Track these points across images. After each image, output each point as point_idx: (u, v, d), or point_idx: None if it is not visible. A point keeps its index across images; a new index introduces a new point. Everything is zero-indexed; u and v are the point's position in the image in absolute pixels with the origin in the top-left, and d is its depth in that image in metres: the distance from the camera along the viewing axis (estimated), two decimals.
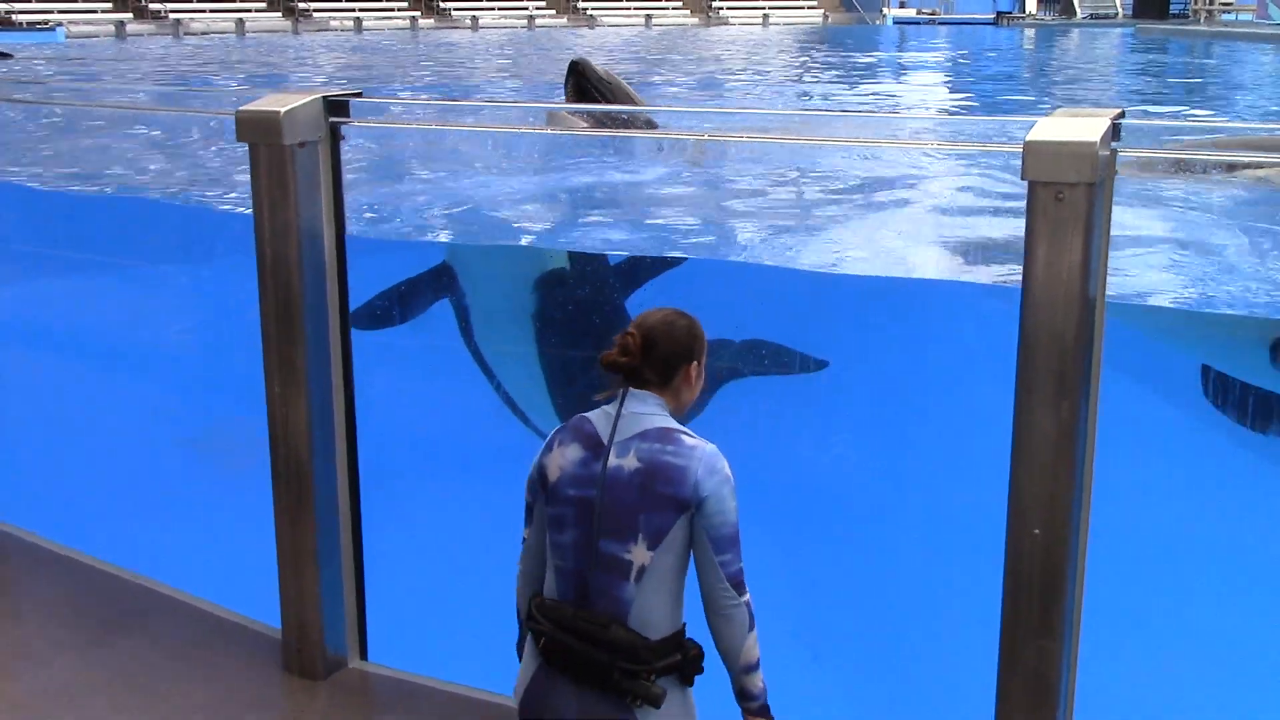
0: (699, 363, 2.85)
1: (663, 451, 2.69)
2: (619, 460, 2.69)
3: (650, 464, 2.68)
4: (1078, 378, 2.85)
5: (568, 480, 2.72)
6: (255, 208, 3.78)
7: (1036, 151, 2.78)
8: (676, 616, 2.76)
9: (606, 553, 2.68)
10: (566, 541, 2.72)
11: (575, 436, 2.76)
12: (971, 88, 22.49)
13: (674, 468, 2.68)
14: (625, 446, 2.70)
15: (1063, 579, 2.94)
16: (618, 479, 2.68)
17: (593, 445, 2.72)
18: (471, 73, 26.11)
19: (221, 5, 50.35)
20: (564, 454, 2.75)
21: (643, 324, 2.80)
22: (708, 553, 2.70)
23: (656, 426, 2.73)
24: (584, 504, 2.70)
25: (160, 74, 24.50)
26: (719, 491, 2.69)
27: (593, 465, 2.70)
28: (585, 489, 2.70)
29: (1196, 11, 52.33)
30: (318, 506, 3.90)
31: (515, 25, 54.53)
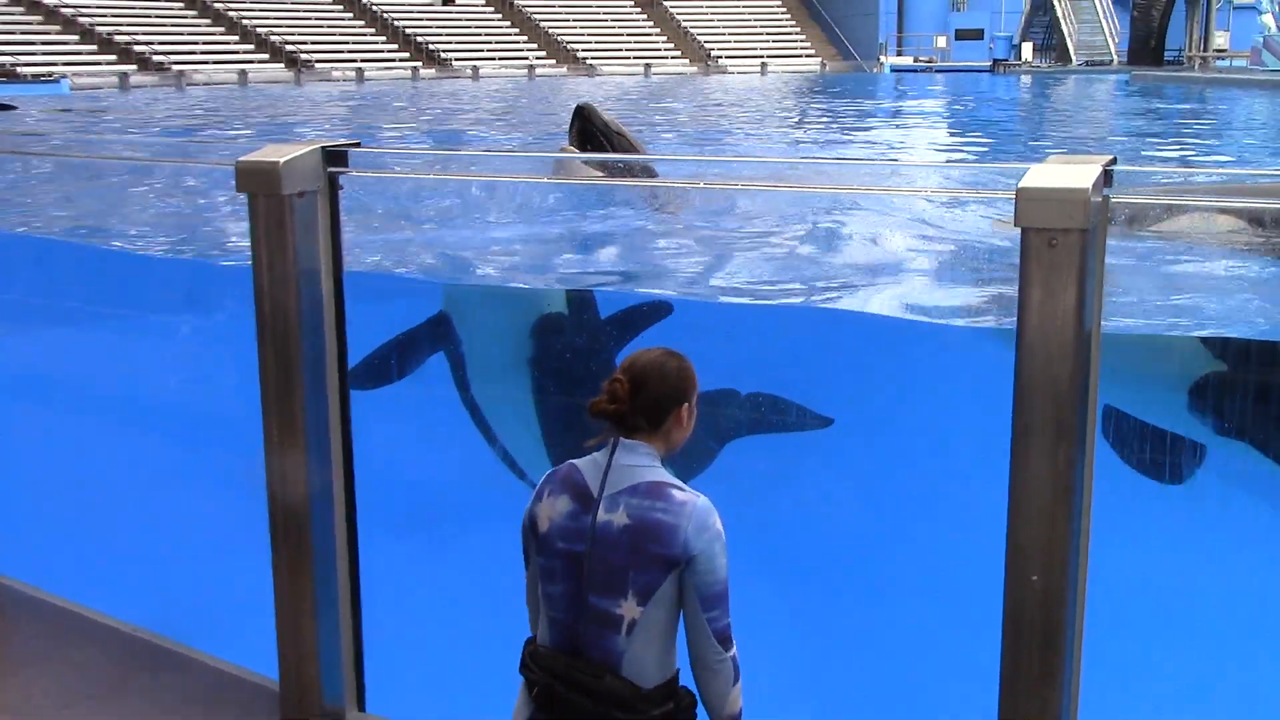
0: (690, 404, 2.83)
1: (653, 508, 2.67)
2: (608, 515, 2.67)
3: (640, 521, 2.66)
4: (1074, 422, 2.85)
5: (557, 533, 2.70)
6: (254, 258, 3.80)
7: (1029, 198, 2.79)
8: (669, 665, 2.74)
9: (597, 607, 2.67)
10: (557, 593, 2.71)
11: (564, 487, 2.74)
12: (967, 134, 22.64)
13: (664, 525, 2.66)
14: (615, 501, 2.68)
15: (1062, 626, 2.93)
16: (607, 535, 2.66)
17: (582, 497, 2.71)
18: (472, 122, 26.28)
19: (224, 56, 50.77)
20: (553, 505, 2.73)
21: (631, 367, 2.78)
22: (696, 609, 2.68)
23: (647, 480, 2.70)
24: (573, 558, 2.68)
25: (163, 125, 24.67)
26: (709, 549, 2.67)
27: (582, 519, 2.69)
28: (574, 543, 2.68)
29: (1191, 58, 52.75)
30: (315, 557, 3.89)
31: (516, 75, 54.93)
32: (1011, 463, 2.91)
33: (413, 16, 59.32)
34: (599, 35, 62.18)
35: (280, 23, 54.54)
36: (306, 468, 3.83)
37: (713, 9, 67.22)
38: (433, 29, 58.68)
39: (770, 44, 64.96)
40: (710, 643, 2.70)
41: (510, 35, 61.25)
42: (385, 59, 55.28)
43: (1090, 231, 2.79)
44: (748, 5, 68.82)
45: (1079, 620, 3.01)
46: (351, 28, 57.77)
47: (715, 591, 2.69)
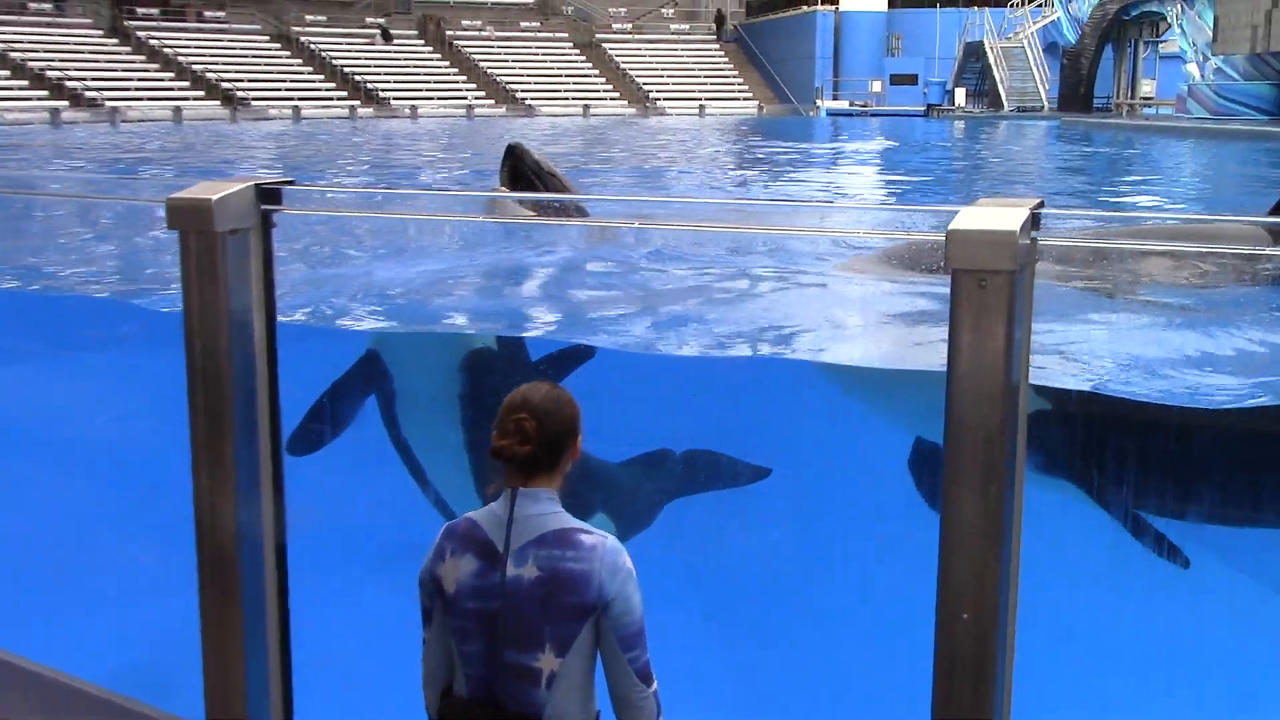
0: (580, 436, 2.81)
1: (563, 558, 2.64)
2: (518, 570, 2.63)
3: (551, 572, 2.63)
4: (1003, 463, 2.89)
5: (467, 593, 2.65)
6: (185, 296, 3.75)
7: (959, 240, 2.84)
8: (590, 710, 2.73)
9: (514, 662, 2.64)
10: (472, 651, 2.67)
11: (467, 545, 2.68)
12: (901, 177, 22.94)
13: (576, 574, 2.63)
14: (523, 555, 2.64)
15: (993, 663, 2.95)
16: (518, 590, 2.62)
17: (487, 554, 2.66)
18: (410, 160, 26.22)
19: (158, 93, 50.34)
20: (458, 565, 2.67)
21: (527, 403, 2.74)
22: (616, 651, 2.66)
23: (553, 529, 2.67)
24: (486, 616, 2.64)
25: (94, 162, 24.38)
26: (623, 591, 2.65)
27: (490, 576, 2.64)
28: (486, 601, 2.64)
29: (1119, 105, 53.88)
30: (244, 599, 3.83)
31: (454, 114, 54.96)
32: (944, 502, 2.93)
33: (350, 55, 59.25)
34: (538, 76, 62.43)
35: (216, 60, 54.23)
36: (236, 509, 3.78)
37: (651, 52, 67.79)
38: (370, 68, 58.62)
39: (708, 87, 65.57)
40: (633, 681, 2.69)
41: (449, 75, 61.34)
42: (323, 97, 55.10)
43: (1019, 273, 2.83)
44: (686, 48, 69.49)
45: (1009, 657, 3.03)
46: (289, 66, 57.59)
47: (633, 631, 2.68)
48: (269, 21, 60.08)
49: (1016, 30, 58.61)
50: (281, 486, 3.94)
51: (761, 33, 70.62)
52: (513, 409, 2.72)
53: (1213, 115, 40.92)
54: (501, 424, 2.71)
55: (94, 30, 54.14)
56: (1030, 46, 57.41)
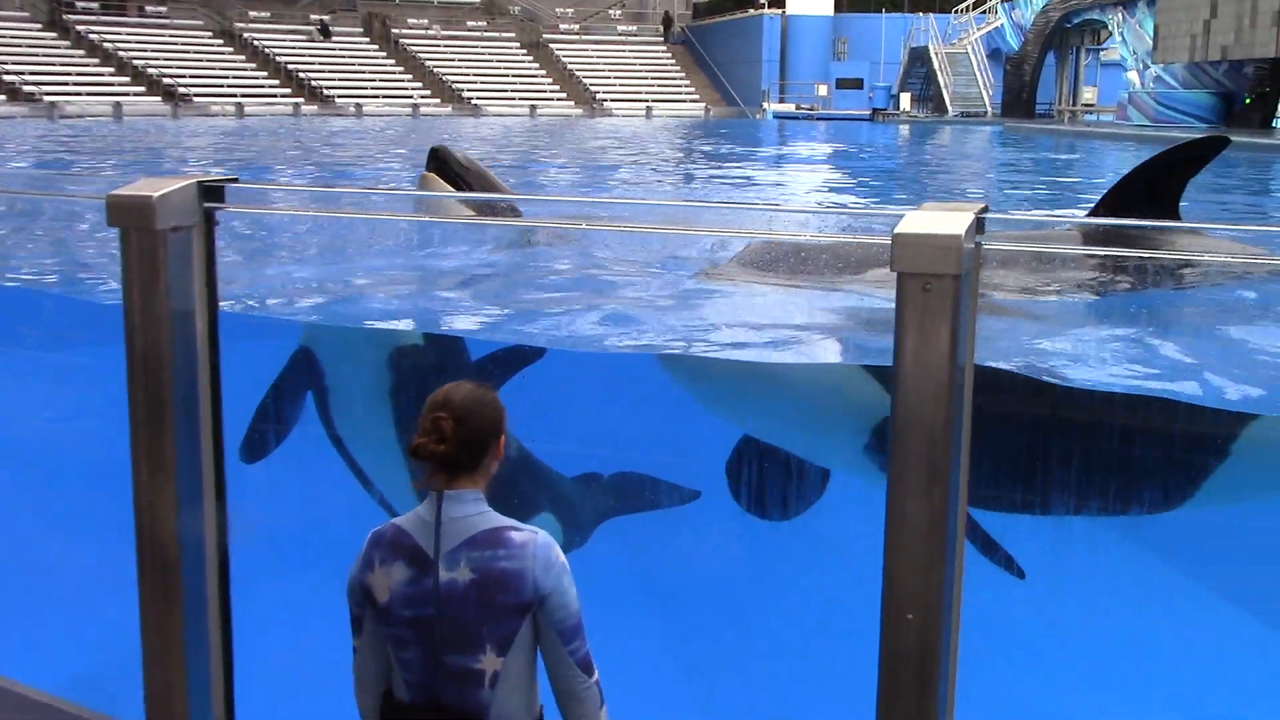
0: (504, 436, 2.80)
1: (495, 558, 2.63)
2: (451, 574, 2.61)
3: (485, 574, 2.62)
4: (947, 465, 2.91)
5: (400, 601, 2.62)
6: (125, 294, 3.70)
7: (904, 244, 2.86)
8: (534, 704, 2.73)
9: (454, 666, 2.62)
10: (410, 658, 2.65)
11: (396, 552, 2.64)
12: (846, 180, 23.09)
13: (509, 574, 2.62)
14: (454, 558, 2.62)
15: (937, 663, 2.97)
16: (453, 594, 2.60)
17: (418, 560, 2.63)
18: (353, 159, 26.05)
19: (98, 88, 49.66)
20: (389, 574, 2.63)
21: (448, 403, 2.71)
22: (556, 645, 2.67)
23: (482, 530, 2.65)
24: (422, 623, 2.61)
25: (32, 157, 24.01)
26: (559, 585, 2.65)
27: (423, 582, 2.61)
28: (420, 608, 2.61)
29: (1061, 112, 54.56)
30: (185, 598, 3.78)
31: (399, 113, 54.64)
32: (887, 502, 2.96)
33: (294, 52, 58.76)
34: (484, 76, 62.22)
35: (157, 55, 53.59)
36: (177, 509, 3.73)
37: (598, 53, 67.79)
38: (315, 65, 58.15)
39: (655, 88, 65.66)
40: (575, 673, 2.69)
41: (394, 73, 60.98)
42: (266, 94, 54.58)
43: (963, 276, 2.86)
44: (633, 50, 69.56)
45: (953, 657, 3.06)
46: (232, 62, 56.99)
47: (571, 625, 2.68)
48: (211, 17, 59.43)
49: (961, 36, 59.21)
50: (224, 486, 3.90)
51: (708, 35, 70.85)
52: (433, 407, 2.70)
53: (1153, 122, 41.53)
54: (421, 422, 2.68)
55: (33, 24, 53.30)
56: (974, 52, 58.02)
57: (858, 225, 4.58)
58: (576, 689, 2.71)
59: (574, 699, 2.72)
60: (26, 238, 10.07)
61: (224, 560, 3.92)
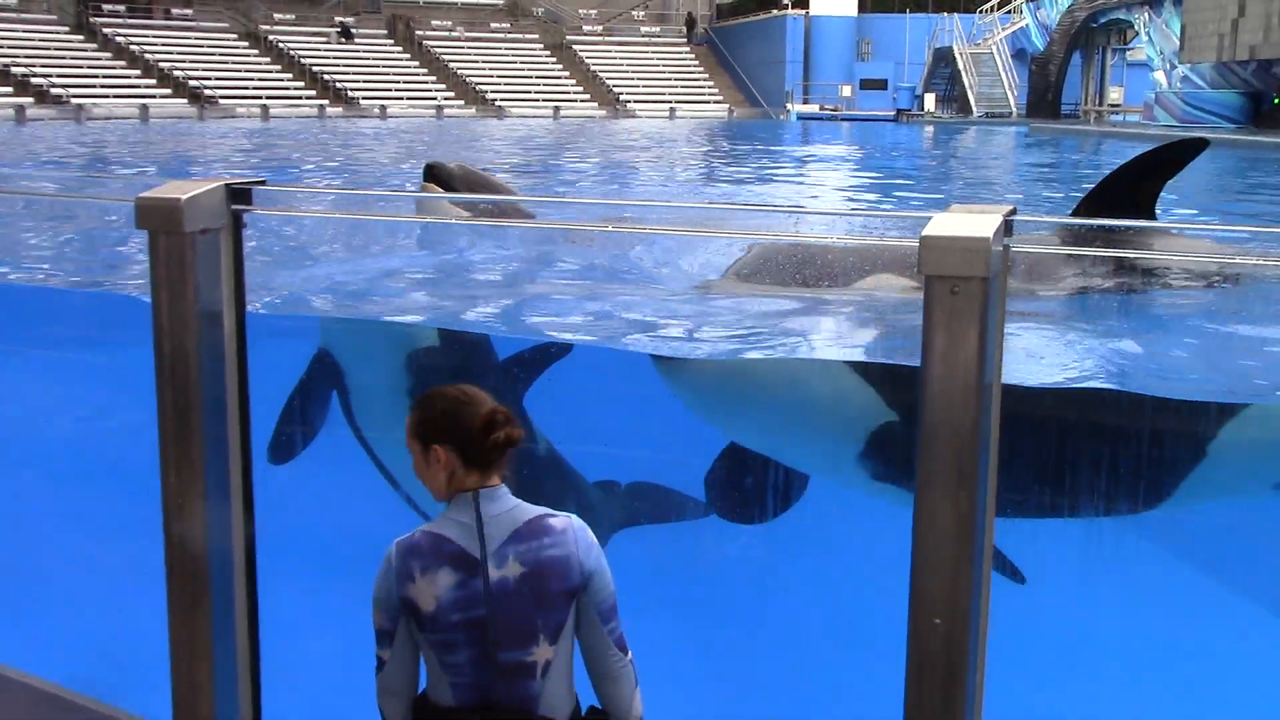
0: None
1: (541, 548, 2.64)
2: (501, 572, 2.62)
3: (535, 565, 2.63)
4: (975, 468, 2.90)
5: (448, 607, 2.61)
6: (154, 296, 3.72)
7: (932, 247, 2.85)
8: (573, 691, 2.75)
9: (508, 662, 2.63)
10: (460, 660, 2.64)
11: (438, 559, 2.63)
12: (872, 182, 23.03)
13: (558, 561, 2.64)
14: (502, 555, 2.63)
15: (964, 668, 2.96)
16: (505, 591, 2.61)
17: (464, 564, 2.63)
18: (378, 161, 26.14)
19: (125, 91, 49.96)
20: (434, 582, 2.62)
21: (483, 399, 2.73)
22: (596, 626, 2.69)
23: (523, 522, 2.67)
24: (474, 624, 2.61)
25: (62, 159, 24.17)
26: (599, 565, 2.69)
27: (472, 584, 2.61)
28: (472, 610, 2.61)
29: (1086, 112, 54.28)
30: (213, 600, 3.80)
31: (424, 114, 54.79)
32: (916, 507, 2.94)
33: (319, 54, 59.01)
34: (508, 77, 62.33)
35: (183, 57, 53.89)
36: (205, 511, 3.75)
37: (622, 54, 67.82)
38: (339, 67, 58.38)
39: (679, 89, 65.63)
40: (613, 653, 2.72)
41: (418, 75, 61.16)
42: (291, 96, 54.82)
43: (991, 279, 2.85)
44: (656, 51, 69.56)
45: (981, 662, 3.04)
46: (257, 64, 57.28)
47: (611, 604, 2.71)
48: (237, 19, 59.73)
49: (985, 36, 58.96)
50: (251, 487, 3.92)
51: (732, 36, 70.79)
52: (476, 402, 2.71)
53: (1180, 123, 41.27)
54: (488, 423, 2.68)
55: (60, 26, 53.68)
56: (999, 53, 57.77)
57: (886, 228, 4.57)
58: (614, 669, 2.73)
59: (611, 679, 2.74)
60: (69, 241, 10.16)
61: (251, 561, 3.94)
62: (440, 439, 2.70)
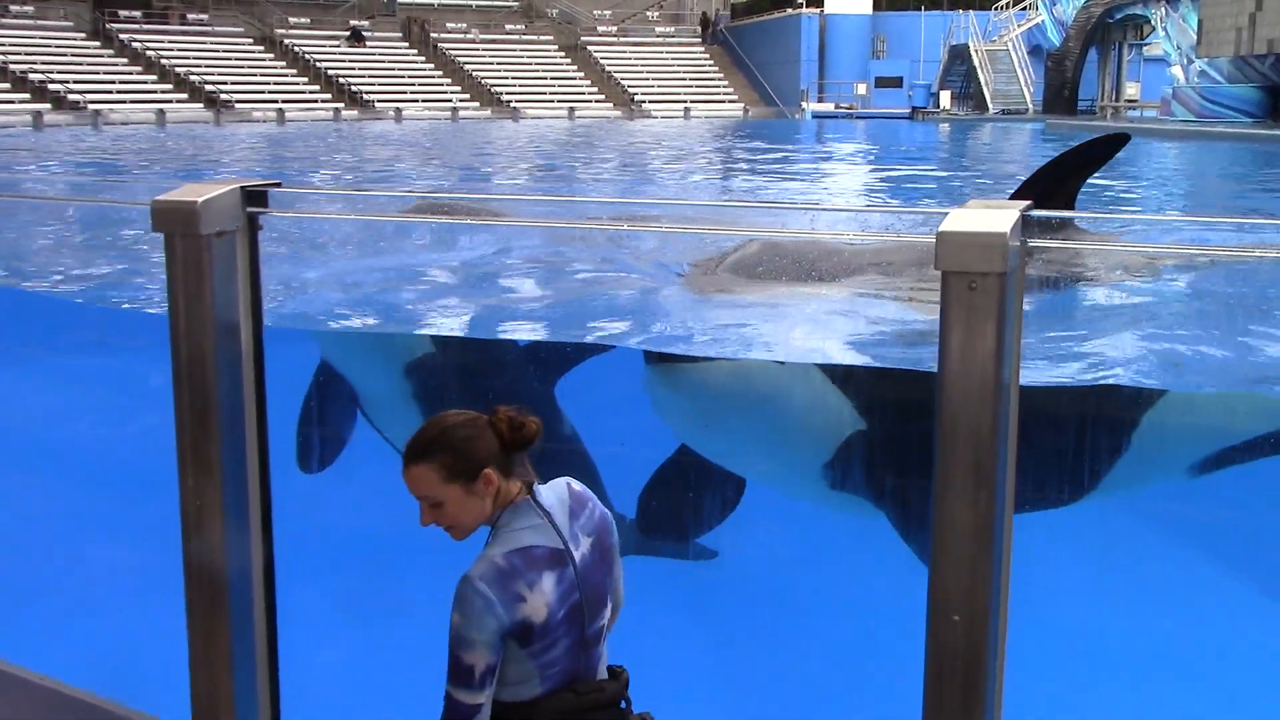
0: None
1: (591, 513, 2.78)
2: (579, 551, 2.72)
3: (595, 531, 2.76)
4: (994, 465, 2.88)
5: (556, 606, 2.64)
6: (170, 299, 3.73)
7: (948, 242, 2.83)
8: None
9: (593, 633, 2.72)
10: (558, 654, 2.67)
11: (536, 566, 2.64)
12: (888, 179, 22.97)
13: (605, 518, 2.83)
14: (575, 537, 2.73)
15: (984, 666, 2.94)
16: (588, 568, 2.72)
17: (556, 560, 2.68)
18: (394, 163, 26.18)
19: (141, 95, 50.16)
20: (541, 591, 2.62)
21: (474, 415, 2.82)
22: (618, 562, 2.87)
23: (566, 499, 2.75)
24: (573, 612, 2.68)
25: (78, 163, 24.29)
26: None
27: (567, 576, 2.67)
28: (570, 599, 2.68)
29: (1103, 108, 54.04)
30: (232, 604, 3.80)
31: (439, 117, 54.87)
32: (934, 504, 2.93)
33: (334, 58, 59.14)
34: (523, 79, 62.37)
35: (199, 62, 54.07)
36: (223, 518, 3.75)
37: (636, 54, 67.81)
38: (354, 70, 58.51)
39: (693, 89, 65.58)
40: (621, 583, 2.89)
41: (433, 77, 61.26)
42: (307, 99, 54.97)
43: (1009, 275, 2.83)
44: (671, 51, 69.54)
45: (1000, 659, 3.03)
46: (272, 68, 57.45)
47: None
48: (252, 24, 59.92)
49: (1001, 33, 58.78)
50: (269, 491, 3.92)
51: (746, 35, 70.72)
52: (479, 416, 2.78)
53: (1197, 118, 41.07)
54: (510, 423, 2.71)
55: (76, 33, 53.91)
56: (1015, 49, 57.58)
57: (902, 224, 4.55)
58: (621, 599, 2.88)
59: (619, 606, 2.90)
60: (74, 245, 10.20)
61: (269, 566, 3.94)
62: (486, 463, 2.70)
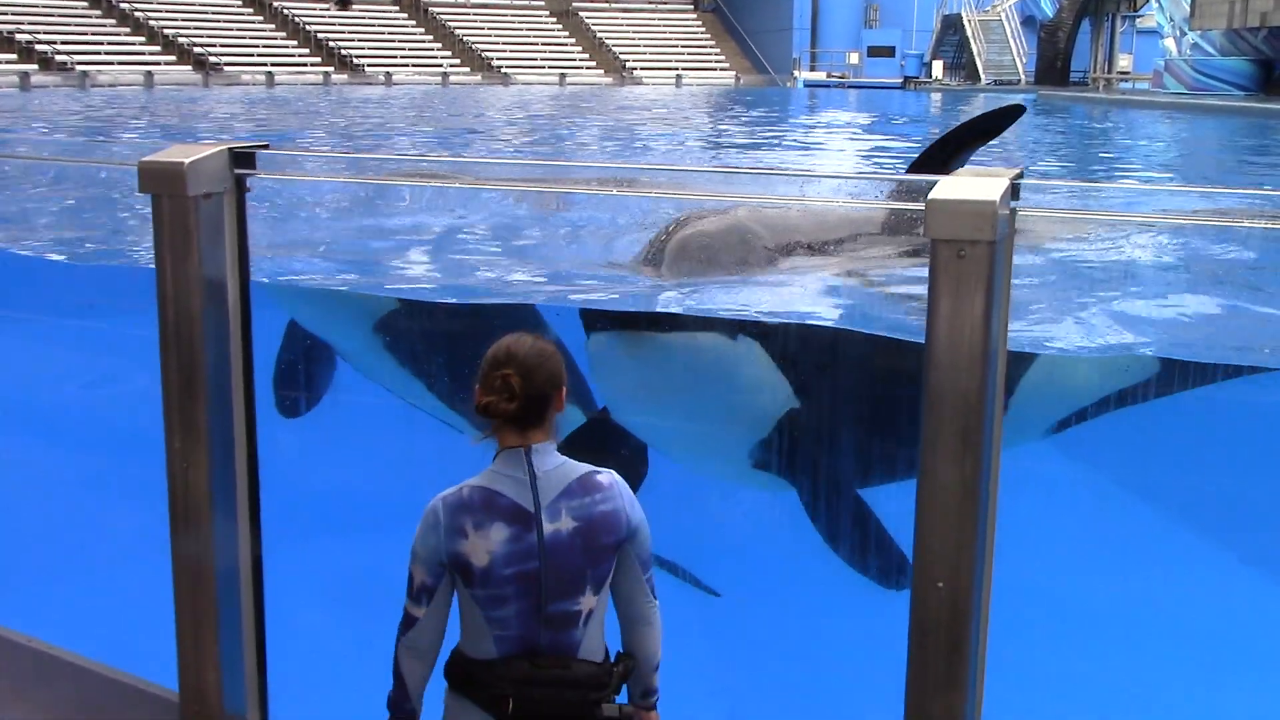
0: (565, 388, 2.80)
1: (593, 504, 2.69)
2: (554, 525, 2.65)
3: (587, 520, 2.67)
4: (980, 432, 2.89)
5: (501, 561, 2.62)
6: (157, 261, 3.71)
7: (938, 210, 2.83)
8: (603, 636, 2.79)
9: (556, 612, 2.67)
10: (508, 614, 2.65)
11: (492, 514, 2.63)
12: (879, 148, 22.93)
13: (609, 515, 2.70)
14: (554, 510, 2.66)
15: (967, 632, 2.96)
16: (558, 545, 2.64)
17: (519, 518, 2.64)
18: (383, 127, 26.05)
19: (129, 57, 49.77)
20: (487, 537, 2.62)
21: (512, 358, 2.69)
22: (637, 573, 2.77)
23: (574, 479, 2.71)
24: (526, 578, 2.63)
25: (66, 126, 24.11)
26: (642, 517, 2.76)
27: (526, 538, 2.64)
28: (524, 563, 2.63)
29: (1095, 80, 53.96)
30: (218, 565, 3.81)
31: (429, 82, 54.56)
32: (920, 471, 2.94)
33: (324, 21, 58.72)
34: (514, 44, 62.02)
35: (188, 24, 53.62)
36: (209, 475, 3.75)
37: (628, 21, 67.44)
38: (344, 34, 58.10)
39: (685, 57, 65.30)
40: (648, 598, 2.80)
41: (424, 42, 60.88)
42: (296, 63, 54.59)
43: (998, 243, 2.83)
44: (663, 18, 69.17)
45: (984, 625, 3.05)
46: (261, 31, 57.00)
47: (649, 553, 2.80)
48: None
49: (994, 3, 58.62)
50: (256, 453, 3.92)
51: (739, 3, 70.32)
52: (497, 364, 2.68)
53: (1190, 90, 41.02)
54: (486, 380, 2.67)
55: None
56: (1008, 20, 57.45)
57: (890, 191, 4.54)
58: (648, 613, 2.81)
59: (645, 623, 2.81)
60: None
61: (256, 528, 3.95)
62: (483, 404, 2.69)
